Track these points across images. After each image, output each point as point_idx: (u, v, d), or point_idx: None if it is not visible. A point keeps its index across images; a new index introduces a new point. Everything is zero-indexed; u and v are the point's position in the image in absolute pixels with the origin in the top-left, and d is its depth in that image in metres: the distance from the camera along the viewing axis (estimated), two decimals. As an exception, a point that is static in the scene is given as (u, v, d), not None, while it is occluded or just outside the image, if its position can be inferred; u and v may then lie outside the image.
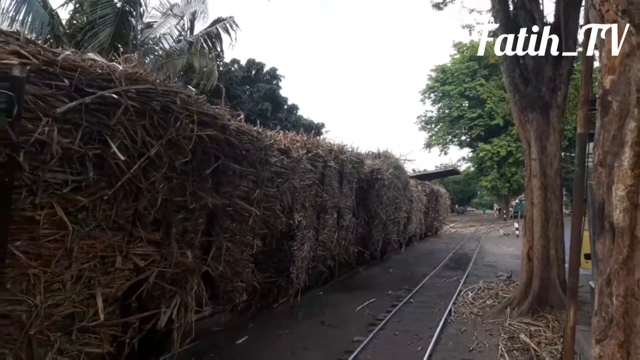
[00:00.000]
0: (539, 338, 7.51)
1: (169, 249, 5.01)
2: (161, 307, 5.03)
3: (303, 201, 9.19)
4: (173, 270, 5.10)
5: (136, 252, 4.62)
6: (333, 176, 10.81)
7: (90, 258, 4.09)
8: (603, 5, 3.07)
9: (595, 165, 3.12)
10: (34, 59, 3.55)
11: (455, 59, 47.57)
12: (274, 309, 9.08)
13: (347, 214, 12.01)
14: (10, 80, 3.28)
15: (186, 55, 15.01)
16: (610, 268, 2.91)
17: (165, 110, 4.64)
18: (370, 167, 13.66)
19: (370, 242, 14.24)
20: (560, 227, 9.32)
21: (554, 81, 9.30)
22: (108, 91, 3.97)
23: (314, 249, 9.98)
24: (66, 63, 3.79)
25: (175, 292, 5.22)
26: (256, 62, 34.75)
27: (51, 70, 3.67)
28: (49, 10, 12.87)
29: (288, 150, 8.50)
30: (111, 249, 4.32)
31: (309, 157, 9.38)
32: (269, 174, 7.31)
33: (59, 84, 3.67)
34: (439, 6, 14.30)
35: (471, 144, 47.69)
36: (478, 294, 11.05)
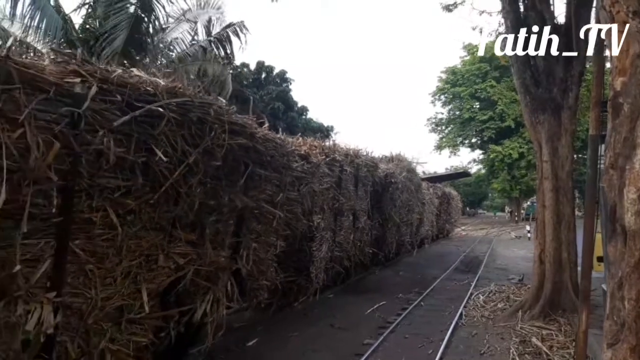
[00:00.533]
0: (551, 342, 7.44)
1: (203, 249, 5.42)
2: (196, 302, 5.44)
3: (322, 204, 9.62)
4: (207, 268, 5.50)
5: (176, 251, 5.05)
6: (349, 180, 11.20)
7: (137, 256, 4.53)
8: (614, 7, 3.05)
9: (607, 167, 3.10)
10: (91, 77, 3.96)
11: (465, 61, 47.31)
12: (293, 308, 9.31)
13: (362, 216, 12.32)
14: (74, 97, 3.77)
15: (200, 62, 15.12)
16: (622, 271, 2.89)
17: (201, 121, 5.03)
18: (384, 171, 14.01)
19: (384, 243, 14.51)
20: (573, 229, 9.24)
21: (565, 82, 9.23)
22: (154, 105, 4.41)
23: (331, 250, 10.35)
24: (118, 80, 4.21)
25: (208, 288, 5.61)
26: (265, 65, 34.91)
27: (105, 87, 4.06)
28: (62, 15, 13.03)
29: (308, 155, 8.87)
30: (154, 248, 4.76)
31: (326, 162, 9.72)
32: (290, 178, 7.66)
33: (113, 99, 4.10)
34: (449, 8, 14.29)
35: (482, 146, 47.40)
36: (489, 297, 10.98)
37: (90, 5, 13.63)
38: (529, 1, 9.48)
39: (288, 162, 7.53)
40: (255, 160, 6.36)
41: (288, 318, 8.74)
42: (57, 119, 3.63)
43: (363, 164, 12.08)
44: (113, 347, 4.25)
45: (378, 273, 14.34)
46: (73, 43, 12.78)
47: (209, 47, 15.44)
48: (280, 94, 33.27)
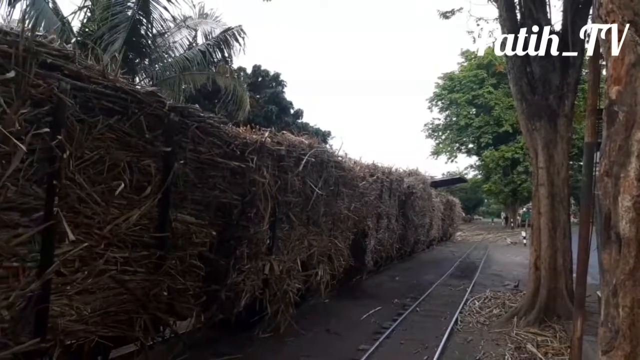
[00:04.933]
0: (546, 348, 7.46)
1: (321, 238, 9.28)
2: (317, 269, 9.05)
3: (371, 210, 12.90)
4: (321, 250, 9.29)
5: (310, 238, 8.84)
6: (385, 191, 14.40)
7: (296, 239, 8.30)
8: (609, 16, 3.09)
9: (602, 175, 3.12)
10: (282, 144, 7.66)
11: (463, 67, 47.56)
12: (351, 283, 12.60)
13: (393, 219, 15.52)
14: (280, 156, 7.51)
15: (207, 72, 15.13)
16: (617, 279, 2.90)
17: (322, 162, 8.91)
18: (407, 184, 17.43)
19: (406, 241, 18.15)
20: (568, 236, 9.27)
21: (562, 90, 9.28)
22: (307, 155, 8.16)
23: (375, 244, 13.58)
24: (285, 141, 7.76)
25: (322, 261, 9.33)
26: (262, 70, 34.91)
27: (288, 148, 7.77)
28: (60, 17, 13.02)
29: (364, 176, 12.27)
30: (302, 236, 8.58)
31: (373, 180, 13.00)
32: (357, 192, 11.21)
33: (282, 154, 7.55)
34: (446, 15, 14.36)
35: (479, 152, 47.59)
36: (485, 303, 10.99)
37: (89, 8, 13.64)
38: (526, 9, 9.53)
39: (356, 182, 11.15)
40: (342, 183, 10.04)
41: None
42: (273, 168, 7.27)
43: (394, 179, 15.33)
44: (287, 289, 7.78)
45: (373, 278, 14.37)
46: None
47: (207, 51, 15.45)
48: (273, 96, 33.21)
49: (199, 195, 5.81)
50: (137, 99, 4.61)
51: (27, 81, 3.50)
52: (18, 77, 3.43)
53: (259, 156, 6.77)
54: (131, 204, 4.66)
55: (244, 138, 6.66)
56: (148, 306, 4.97)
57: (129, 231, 4.67)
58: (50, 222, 3.73)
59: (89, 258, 4.23)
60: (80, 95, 4.00)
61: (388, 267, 16.26)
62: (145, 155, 4.85)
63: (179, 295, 5.48)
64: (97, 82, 4.19)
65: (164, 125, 5.03)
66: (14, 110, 3.39)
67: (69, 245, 3.94)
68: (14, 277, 3.56)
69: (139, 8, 13.20)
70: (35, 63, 3.56)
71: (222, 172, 6.18)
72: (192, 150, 5.56)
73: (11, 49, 3.41)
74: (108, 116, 4.31)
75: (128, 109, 4.52)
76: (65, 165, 3.85)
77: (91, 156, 4.16)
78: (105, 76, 4.30)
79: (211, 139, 5.91)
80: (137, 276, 4.84)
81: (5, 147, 3.36)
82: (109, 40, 12.58)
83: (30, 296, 3.65)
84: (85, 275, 4.20)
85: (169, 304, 5.36)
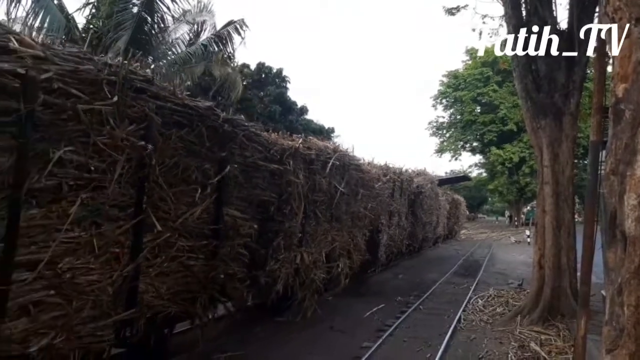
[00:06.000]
0: (550, 347, 7.44)
1: (342, 233, 10.21)
2: (338, 262, 10.00)
3: (384, 209, 13.73)
4: (342, 244, 10.27)
5: (333, 233, 9.75)
6: (397, 191, 15.28)
7: (321, 234, 9.29)
8: (616, 13, 3.06)
9: (607, 173, 3.10)
10: (312, 149, 8.55)
11: (467, 65, 47.38)
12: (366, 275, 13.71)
13: (403, 217, 16.51)
14: (311, 159, 8.44)
15: (204, 63, 15.15)
16: (622, 277, 2.89)
17: (343, 165, 9.78)
18: (416, 184, 18.30)
19: (415, 237, 19.09)
20: (572, 235, 9.23)
21: (567, 88, 9.24)
22: (332, 159, 9.04)
23: (387, 240, 14.51)
24: (314, 146, 8.63)
25: (343, 254, 10.28)
26: (266, 66, 34.87)
27: (318, 152, 8.68)
28: (65, 14, 13.04)
29: (379, 177, 13.10)
30: (327, 231, 9.47)
31: (386, 180, 13.83)
32: (373, 193, 12.02)
33: (312, 158, 8.48)
34: (452, 12, 14.30)
35: (483, 151, 47.44)
36: (488, 301, 10.97)
37: (94, 5, 13.65)
38: (532, 6, 9.49)
39: (372, 183, 11.95)
40: (360, 184, 10.99)
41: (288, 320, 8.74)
42: (304, 170, 8.22)
43: (404, 179, 16.25)
44: (314, 277, 8.76)
45: (377, 275, 14.39)
46: (76, 43, 12.79)
47: (210, 45, 15.44)
48: (278, 97, 33.19)
49: (244, 194, 6.72)
50: (199, 114, 5.45)
51: (125, 103, 4.31)
52: (120, 100, 4.22)
53: (294, 160, 7.82)
54: (194, 201, 5.53)
55: (282, 144, 7.68)
56: (207, 287, 5.94)
57: (193, 224, 5.56)
58: (141, 217, 4.66)
59: (165, 246, 5.15)
60: (160, 112, 4.82)
61: (392, 265, 16.44)
62: (206, 160, 5.72)
63: (229, 279, 6.43)
64: (170, 101, 5.01)
65: (219, 135, 5.87)
66: (122, 128, 4.30)
67: (153, 235, 4.91)
68: (115, 260, 4.47)
69: (144, 6, 13.21)
70: (129, 88, 4.35)
71: (262, 173, 7.19)
72: (239, 155, 6.44)
73: (114, 77, 4.20)
74: (179, 129, 5.17)
75: (193, 122, 5.38)
76: (152, 170, 4.77)
77: (169, 162, 5.06)
78: (175, 95, 5.13)
79: (254, 145, 6.84)
80: (199, 262, 5.75)
81: (115, 156, 4.29)
82: (114, 37, 12.59)
83: (126, 276, 4.56)
84: (163, 260, 5.13)
85: (222, 286, 6.30)
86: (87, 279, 4.13)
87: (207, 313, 6.12)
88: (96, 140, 4.09)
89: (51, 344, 3.82)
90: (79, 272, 4.06)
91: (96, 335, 4.29)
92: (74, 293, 4.03)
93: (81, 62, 4.01)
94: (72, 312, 4.00)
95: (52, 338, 3.82)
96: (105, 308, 4.34)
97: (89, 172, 4.10)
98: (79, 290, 4.06)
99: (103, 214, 4.28)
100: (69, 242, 3.97)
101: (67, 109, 3.85)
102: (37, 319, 3.73)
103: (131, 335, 4.89)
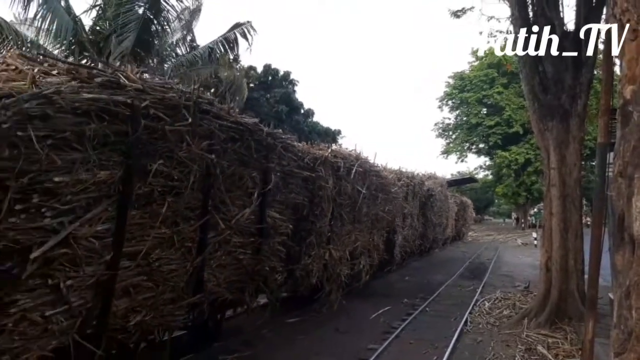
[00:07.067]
0: (557, 350, 7.40)
1: (363, 234, 11.16)
2: (360, 259, 11.03)
3: (399, 211, 14.67)
4: (363, 244, 11.17)
5: (355, 234, 10.67)
6: (409, 194, 16.30)
7: (345, 234, 10.22)
8: (624, 15, 3.04)
9: (615, 176, 3.08)
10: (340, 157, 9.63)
11: (473, 66, 47.23)
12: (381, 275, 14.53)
13: (415, 218, 17.50)
14: (337, 167, 9.42)
15: (212, 67, 15.23)
16: (630, 280, 2.87)
17: (365, 171, 10.73)
18: (427, 187, 19.37)
19: (426, 238, 19.99)
20: (580, 237, 9.18)
21: (574, 89, 9.19)
22: (355, 166, 10.04)
23: (402, 240, 15.52)
24: (339, 154, 9.69)
25: (364, 253, 11.28)
26: (272, 68, 34.98)
27: (343, 160, 9.66)
28: (72, 16, 13.13)
29: (395, 182, 13.97)
30: (349, 231, 10.38)
31: (400, 184, 14.73)
32: (390, 197, 12.96)
33: (339, 165, 9.46)
34: (457, 14, 14.28)
35: (489, 152, 47.25)
36: (495, 304, 10.93)
37: (100, 7, 13.74)
38: (538, 8, 9.44)
39: (389, 187, 12.94)
40: (379, 188, 12.03)
41: (296, 321, 8.75)
42: (332, 176, 9.17)
43: (416, 182, 17.34)
44: (340, 273, 9.72)
45: (385, 278, 14.36)
46: (83, 44, 12.88)
47: (217, 48, 15.50)
48: (284, 96, 33.25)
49: (282, 198, 7.61)
50: (248, 129, 6.32)
51: (196, 123, 5.14)
52: (193, 121, 5.07)
53: (324, 167, 8.81)
54: (244, 204, 6.43)
55: (314, 153, 8.73)
56: (254, 278, 6.88)
57: (243, 223, 6.45)
58: (207, 217, 5.60)
59: (223, 242, 6.07)
60: (220, 129, 5.66)
61: (399, 267, 16.47)
62: (253, 169, 6.62)
63: (271, 272, 7.37)
64: (226, 119, 5.86)
65: (263, 147, 6.74)
66: (196, 144, 5.19)
67: (215, 232, 5.84)
68: (188, 253, 5.39)
69: (149, 7, 13.28)
70: (198, 110, 5.19)
71: (296, 179, 8.10)
72: (278, 163, 7.30)
73: (189, 102, 5.06)
74: (233, 143, 6.05)
75: (243, 136, 6.23)
76: (216, 178, 5.67)
77: (227, 171, 5.94)
78: (229, 114, 5.97)
79: (290, 155, 7.71)
80: (247, 256, 6.67)
81: (190, 167, 5.17)
82: (120, 38, 12.66)
83: (195, 266, 5.48)
84: (221, 254, 6.09)
85: (265, 277, 7.20)
86: (169, 268, 5.10)
87: (253, 301, 7.08)
88: (178, 154, 5.00)
89: (143, 320, 4.76)
90: (164, 262, 5.03)
91: (174, 315, 5.31)
92: (160, 279, 4.98)
93: (166, 91, 4.87)
94: (158, 295, 4.96)
95: (144, 315, 4.76)
96: (180, 292, 5.30)
97: (172, 180, 5.03)
98: (163, 277, 5.02)
99: (181, 214, 5.20)
100: (158, 237, 4.90)
101: (158, 130, 4.73)
102: (134, 299, 4.66)
103: (195, 317, 5.92)
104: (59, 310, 3.86)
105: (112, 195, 4.29)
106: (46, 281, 3.77)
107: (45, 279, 3.76)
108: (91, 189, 4.06)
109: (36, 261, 3.61)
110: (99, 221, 4.16)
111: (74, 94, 3.86)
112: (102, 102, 4.07)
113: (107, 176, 4.19)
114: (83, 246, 4.01)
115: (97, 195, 4.15)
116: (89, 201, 4.07)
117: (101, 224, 4.19)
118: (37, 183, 3.61)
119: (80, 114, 3.92)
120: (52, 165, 3.69)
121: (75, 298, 4.03)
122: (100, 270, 4.21)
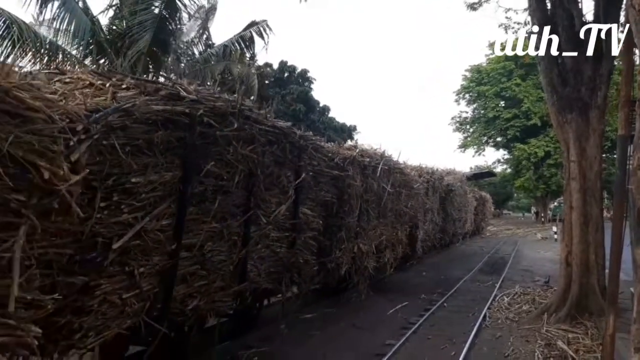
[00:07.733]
0: (577, 345, 7.31)
1: (387, 229, 11.58)
2: (385, 253, 11.50)
3: (421, 206, 15.04)
4: (388, 238, 11.65)
5: (380, 229, 11.17)
6: (430, 189, 16.63)
7: (372, 229, 10.72)
8: (643, 5, 2.99)
9: (635, 169, 3.04)
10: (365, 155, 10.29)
11: (490, 59, 46.63)
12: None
13: (435, 213, 17.83)
14: (366, 165, 10.14)
15: (225, 62, 15.30)
16: (651, 275, 2.83)
17: (389, 168, 11.23)
18: (447, 182, 19.64)
19: (446, 232, 20.47)
20: (601, 231, 9.03)
21: (594, 81, 9.01)
22: (381, 164, 10.60)
23: (424, 235, 15.81)
24: (365, 153, 10.28)
25: (388, 247, 11.72)
26: (288, 65, 34.99)
27: (368, 159, 10.25)
28: (90, 16, 13.29)
29: (416, 178, 14.41)
30: (375, 226, 10.86)
31: (421, 180, 15.19)
32: (412, 193, 13.52)
33: (366, 164, 10.05)
34: (474, 6, 14.12)
35: (507, 145, 46.67)
36: (514, 299, 10.84)
37: (117, 6, 13.88)
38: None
39: (411, 184, 13.51)
40: (403, 185, 12.56)
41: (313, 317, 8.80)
42: (360, 174, 9.70)
43: (436, 178, 17.69)
44: (367, 265, 10.25)
45: (403, 273, 14.35)
46: (101, 44, 13.05)
47: (232, 46, 15.57)
48: (301, 95, 33.24)
49: (313, 195, 8.16)
50: (283, 132, 6.83)
51: (241, 128, 5.65)
52: (239, 126, 5.57)
53: (352, 166, 9.34)
54: (280, 202, 6.95)
55: (343, 154, 9.29)
56: (289, 270, 7.45)
57: (280, 219, 6.98)
58: (250, 213, 6.14)
59: (263, 236, 6.63)
60: (259, 133, 6.14)
61: (416, 262, 16.51)
62: (288, 169, 7.14)
63: (304, 264, 7.91)
64: (264, 124, 6.32)
65: (296, 148, 7.25)
66: (241, 147, 5.69)
67: (256, 227, 6.40)
68: (234, 246, 5.93)
69: (165, 6, 13.38)
70: (241, 116, 5.68)
71: (325, 178, 8.61)
72: (309, 163, 7.78)
73: (234, 109, 5.56)
74: (270, 145, 6.53)
75: (279, 139, 6.72)
76: (257, 178, 6.19)
77: (266, 171, 6.43)
78: (267, 118, 6.43)
79: (319, 155, 8.21)
80: (282, 249, 7.24)
81: (236, 168, 5.73)
82: (137, 37, 12.78)
83: (240, 258, 6.01)
84: (261, 247, 6.65)
85: (299, 269, 7.80)
86: (219, 259, 5.67)
87: (288, 290, 7.76)
88: (226, 156, 5.55)
89: (198, 305, 5.35)
90: (215, 253, 5.59)
91: (223, 301, 5.90)
92: (212, 268, 5.54)
93: (216, 100, 5.36)
94: (210, 283, 5.52)
95: (199, 301, 5.35)
96: (228, 281, 5.85)
97: (222, 180, 5.58)
98: (214, 266, 5.59)
99: (229, 211, 5.76)
100: (210, 231, 5.45)
101: (210, 135, 5.24)
102: (191, 285, 5.24)
103: (238, 304, 6.44)
104: (132, 294, 4.40)
105: (173, 194, 4.83)
106: (123, 268, 4.32)
107: (122, 267, 4.32)
108: (158, 188, 4.63)
109: (116, 251, 4.14)
110: (163, 216, 4.72)
111: (146, 106, 4.39)
112: (167, 112, 4.61)
113: (170, 177, 4.77)
114: (151, 238, 4.56)
115: (163, 194, 4.70)
116: (156, 199, 4.62)
117: (165, 219, 4.74)
118: (119, 185, 4.18)
119: (150, 124, 4.47)
120: (130, 169, 4.26)
121: (145, 283, 4.56)
122: (165, 259, 4.78)
